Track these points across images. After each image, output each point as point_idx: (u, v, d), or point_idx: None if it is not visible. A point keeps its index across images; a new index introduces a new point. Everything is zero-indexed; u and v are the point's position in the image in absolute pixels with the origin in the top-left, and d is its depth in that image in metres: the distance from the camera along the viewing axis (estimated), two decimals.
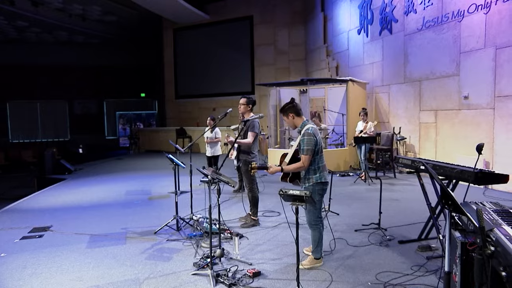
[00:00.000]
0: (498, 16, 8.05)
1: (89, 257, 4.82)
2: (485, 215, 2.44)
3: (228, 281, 3.92)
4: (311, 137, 4.13)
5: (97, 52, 24.39)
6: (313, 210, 4.27)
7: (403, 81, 11.16)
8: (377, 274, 4.14)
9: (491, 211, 2.55)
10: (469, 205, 2.68)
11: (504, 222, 2.30)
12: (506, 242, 1.93)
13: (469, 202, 2.91)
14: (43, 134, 24.54)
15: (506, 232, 2.09)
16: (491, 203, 2.80)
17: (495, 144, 8.25)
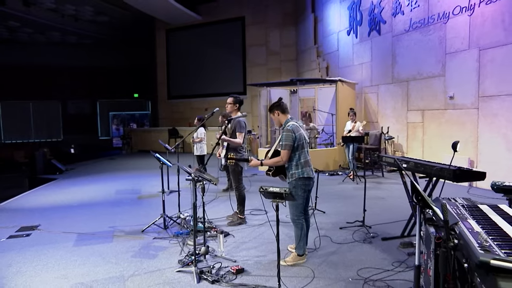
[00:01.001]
0: (481, 18, 8.14)
1: (75, 255, 4.83)
2: (454, 210, 2.49)
3: (211, 277, 3.96)
4: (289, 133, 4.22)
5: (90, 53, 24.30)
6: (295, 205, 4.32)
7: (391, 82, 11.25)
8: (358, 270, 4.19)
9: (460, 206, 2.61)
10: (440, 201, 2.73)
11: (470, 216, 2.35)
12: (468, 235, 1.98)
13: (442, 198, 2.96)
14: (36, 135, 24.38)
15: (469, 225, 2.14)
16: (463, 199, 2.86)
17: (479, 143, 8.35)
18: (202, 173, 4.27)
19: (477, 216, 2.39)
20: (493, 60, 7.90)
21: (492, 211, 2.52)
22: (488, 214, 2.40)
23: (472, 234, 1.99)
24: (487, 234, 2.05)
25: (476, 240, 1.90)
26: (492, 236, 2.01)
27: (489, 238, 1.97)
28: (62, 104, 24.71)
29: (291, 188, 4.32)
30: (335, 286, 3.85)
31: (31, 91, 23.30)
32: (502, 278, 1.60)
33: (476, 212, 2.47)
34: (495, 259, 1.63)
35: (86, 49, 24.43)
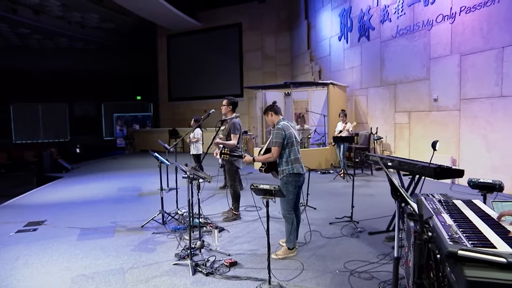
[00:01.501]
0: (462, 26, 8.20)
1: (78, 249, 4.85)
2: (430, 205, 2.52)
3: (206, 270, 3.98)
4: (279, 131, 4.27)
5: (95, 58, 24.31)
6: (286, 201, 4.34)
7: (380, 85, 11.28)
8: (345, 262, 4.22)
9: (437, 201, 2.63)
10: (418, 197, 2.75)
11: (445, 211, 2.38)
12: (440, 227, 2.01)
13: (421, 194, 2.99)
14: (45, 135, 24.37)
15: (443, 219, 2.17)
16: (440, 195, 2.89)
17: (461, 143, 8.39)
18: (197, 171, 4.29)
19: (451, 210, 2.42)
20: (473, 65, 7.95)
21: (465, 205, 2.55)
22: (461, 209, 2.43)
23: (444, 227, 2.02)
24: (458, 227, 2.08)
25: (447, 233, 1.93)
26: (462, 229, 2.04)
27: (459, 231, 2.00)
28: (69, 106, 24.70)
29: (282, 185, 4.34)
30: (322, 277, 3.88)
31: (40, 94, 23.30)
32: (468, 267, 1.62)
33: (450, 207, 2.49)
34: (462, 250, 1.66)
35: (92, 54, 24.43)
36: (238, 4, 18.83)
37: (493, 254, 1.63)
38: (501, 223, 2.30)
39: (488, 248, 1.76)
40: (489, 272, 1.58)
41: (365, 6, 11.75)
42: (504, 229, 2.17)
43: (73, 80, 23.87)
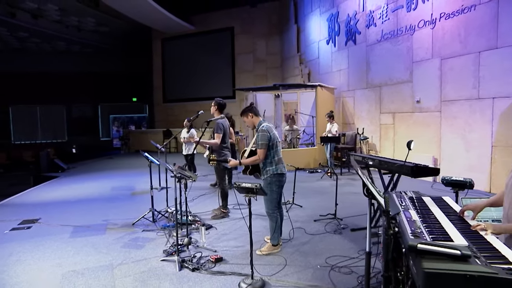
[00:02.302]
0: (442, 32, 8.30)
1: (70, 246, 4.86)
2: (400, 202, 2.56)
3: (192, 266, 4.01)
4: (265, 133, 4.28)
5: (92, 60, 24.22)
6: (270, 200, 4.38)
7: (366, 87, 11.36)
8: (327, 258, 4.26)
9: (408, 198, 2.68)
10: (389, 194, 2.80)
11: (413, 207, 2.43)
12: (405, 223, 2.05)
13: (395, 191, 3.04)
14: (43, 136, 24.25)
15: (409, 215, 2.22)
16: (413, 192, 2.93)
17: (442, 142, 8.48)
18: (184, 170, 4.31)
19: (419, 206, 2.47)
20: (452, 68, 8.04)
21: (433, 202, 2.60)
22: (428, 205, 2.48)
23: (409, 223, 2.07)
24: (422, 222, 2.12)
25: (410, 228, 1.98)
26: (426, 224, 2.09)
27: (423, 226, 2.04)
28: (66, 108, 24.59)
29: (266, 184, 4.37)
30: (304, 272, 3.92)
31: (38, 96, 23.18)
32: (426, 260, 1.67)
33: (419, 204, 2.54)
34: (421, 243, 1.70)
35: (89, 57, 24.33)
36: (230, 8, 18.85)
37: (449, 247, 1.68)
38: (464, 217, 2.36)
39: (445, 241, 1.80)
40: (445, 264, 1.63)
41: (351, 11, 11.83)
42: (466, 224, 2.23)
43: (71, 82, 23.76)
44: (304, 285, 3.64)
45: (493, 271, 1.57)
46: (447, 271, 1.59)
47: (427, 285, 1.61)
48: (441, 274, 1.59)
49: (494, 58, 7.11)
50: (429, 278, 1.60)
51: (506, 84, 6.86)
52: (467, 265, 1.62)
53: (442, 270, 1.60)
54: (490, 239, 1.98)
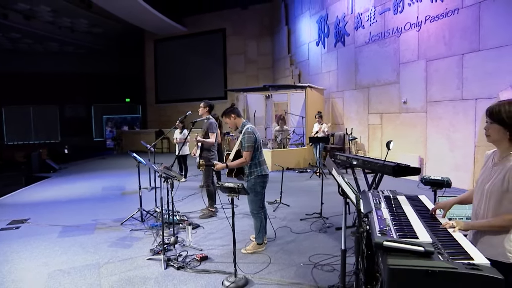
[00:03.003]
0: (427, 34, 8.39)
1: (58, 246, 4.86)
2: (374, 200, 2.61)
3: (177, 264, 4.03)
4: (251, 135, 4.29)
5: (85, 61, 24.09)
6: (255, 200, 4.41)
7: (355, 88, 11.44)
8: (310, 256, 4.30)
9: (382, 197, 2.73)
10: (365, 193, 2.85)
11: (385, 206, 2.48)
12: (375, 221, 2.10)
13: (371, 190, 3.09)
14: (36, 137, 24.08)
15: (381, 213, 2.27)
16: (389, 191, 2.98)
17: (427, 142, 8.58)
18: (170, 170, 4.33)
19: (391, 205, 2.52)
20: (437, 70, 8.14)
21: (407, 201, 2.65)
22: (401, 204, 2.53)
23: (379, 221, 2.11)
24: (392, 220, 2.17)
25: (379, 225, 2.02)
26: (395, 222, 2.14)
27: (392, 223, 2.09)
28: (59, 108, 24.44)
29: (250, 185, 4.40)
30: (287, 270, 3.96)
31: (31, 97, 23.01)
32: (391, 256, 1.72)
33: (392, 202, 2.59)
34: (387, 241, 1.75)
35: (82, 57, 24.20)
36: (222, 10, 18.88)
37: (414, 244, 1.73)
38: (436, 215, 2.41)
39: (411, 238, 1.85)
40: (408, 260, 1.67)
41: (340, 13, 11.91)
42: (436, 221, 2.28)
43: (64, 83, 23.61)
44: (287, 282, 3.68)
45: (452, 266, 1.62)
46: (410, 267, 1.64)
47: (391, 280, 1.66)
48: (404, 270, 1.64)
49: (477, 60, 7.21)
50: (393, 273, 1.65)
51: (488, 86, 6.97)
52: (430, 261, 1.67)
53: (405, 266, 1.65)
54: (457, 236, 2.03)
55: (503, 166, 2.06)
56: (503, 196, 2.02)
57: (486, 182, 2.16)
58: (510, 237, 2.01)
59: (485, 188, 2.15)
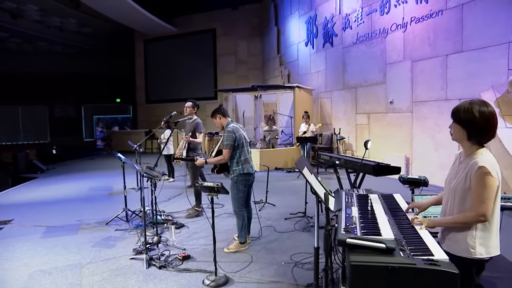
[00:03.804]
0: (413, 35, 8.50)
1: (41, 246, 4.85)
2: (346, 199, 2.66)
3: (159, 263, 4.06)
4: (230, 134, 4.36)
5: (75, 61, 23.92)
6: (237, 199, 4.46)
7: (343, 88, 11.53)
8: (292, 255, 4.35)
9: (355, 195, 2.78)
10: (338, 192, 2.90)
11: (356, 204, 2.53)
12: (343, 219, 2.15)
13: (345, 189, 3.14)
14: (25, 137, 23.87)
15: (350, 211, 2.31)
16: (365, 190, 3.04)
17: (413, 142, 8.68)
18: (152, 170, 4.36)
19: (362, 203, 2.57)
20: (423, 70, 8.25)
21: (379, 199, 2.70)
22: (373, 202, 2.58)
23: (347, 218, 2.16)
24: (360, 218, 2.22)
25: (345, 223, 2.07)
26: (362, 220, 2.19)
27: (359, 221, 2.14)
28: (49, 108, 24.25)
29: (233, 184, 4.46)
30: (268, 269, 4.00)
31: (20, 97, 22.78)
32: (354, 253, 1.77)
33: (363, 200, 2.65)
34: (350, 238, 1.79)
35: (71, 57, 24.03)
36: (212, 10, 18.88)
37: (376, 241, 1.78)
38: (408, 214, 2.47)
39: (375, 235, 1.90)
40: (370, 257, 1.72)
41: (328, 14, 11.99)
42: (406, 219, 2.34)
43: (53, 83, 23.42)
44: (266, 281, 3.72)
45: (412, 262, 1.67)
46: (371, 263, 1.69)
47: (353, 276, 1.70)
48: (365, 266, 1.69)
49: (460, 61, 7.33)
50: (355, 270, 1.70)
51: (471, 86, 7.08)
52: (391, 257, 1.72)
53: (366, 262, 1.69)
54: (422, 233, 2.08)
55: (466, 165, 2.13)
56: (467, 193, 2.09)
57: (452, 180, 2.22)
58: (472, 233, 2.08)
59: (451, 186, 2.21)
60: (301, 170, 2.53)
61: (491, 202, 2.00)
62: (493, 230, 2.08)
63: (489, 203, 1.99)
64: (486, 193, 1.99)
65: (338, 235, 1.87)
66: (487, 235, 2.07)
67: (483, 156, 2.08)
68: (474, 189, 2.03)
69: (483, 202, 1.99)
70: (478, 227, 2.07)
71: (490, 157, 2.08)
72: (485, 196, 1.99)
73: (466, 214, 2.07)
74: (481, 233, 2.06)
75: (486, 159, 2.06)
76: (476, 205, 2.02)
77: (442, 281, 1.65)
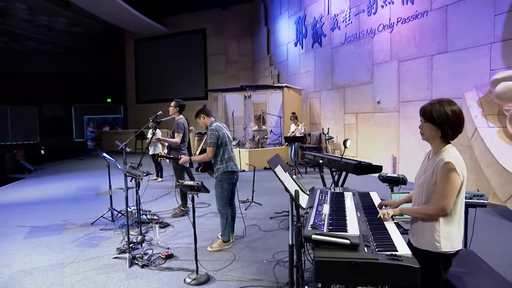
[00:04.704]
0: (399, 35, 8.59)
1: (23, 246, 4.84)
2: (320, 196, 2.72)
3: (142, 262, 4.08)
4: (213, 132, 4.40)
5: (64, 60, 23.76)
6: (221, 197, 4.50)
7: (331, 88, 11.61)
8: (275, 253, 4.39)
9: (330, 193, 2.84)
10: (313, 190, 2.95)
11: (329, 202, 2.58)
12: (312, 216, 2.20)
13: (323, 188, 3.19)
14: (13, 138, 23.66)
15: (321, 208, 2.36)
16: (342, 188, 3.09)
17: (400, 142, 8.78)
18: (134, 169, 4.38)
19: (335, 201, 2.63)
20: (409, 70, 8.35)
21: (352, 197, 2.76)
22: (345, 200, 2.64)
23: (316, 216, 2.21)
24: (330, 215, 2.27)
25: (314, 220, 2.12)
26: (332, 217, 2.24)
27: (328, 218, 2.19)
28: (38, 108, 24.06)
29: (217, 182, 4.50)
30: (250, 267, 4.04)
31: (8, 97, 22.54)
32: (320, 249, 1.82)
33: (337, 198, 2.70)
34: (316, 234, 1.84)
35: (61, 57, 23.85)
36: (202, 10, 18.88)
37: (341, 237, 1.83)
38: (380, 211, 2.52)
39: (341, 232, 1.95)
40: (334, 252, 1.77)
41: (317, 14, 12.07)
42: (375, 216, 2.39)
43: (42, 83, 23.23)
44: (248, 279, 3.76)
45: (375, 257, 1.73)
46: (335, 258, 1.74)
47: (317, 271, 1.75)
48: (329, 261, 1.74)
49: (445, 61, 7.43)
50: (319, 265, 1.75)
51: (455, 86, 7.18)
52: (355, 252, 1.77)
53: (330, 258, 1.74)
54: (390, 230, 2.14)
55: (434, 161, 2.19)
56: (433, 189, 2.15)
57: (421, 177, 2.29)
58: (437, 228, 2.14)
59: (419, 183, 2.28)
60: (273, 168, 2.55)
61: (453, 197, 2.07)
62: (455, 225, 2.15)
63: (451, 198, 2.06)
64: (449, 188, 2.06)
65: (304, 231, 1.92)
66: (450, 229, 2.13)
67: (449, 152, 2.15)
68: (438, 184, 2.10)
69: (445, 196, 2.06)
70: (442, 221, 2.13)
71: (456, 154, 2.15)
72: (447, 191, 2.05)
73: (429, 206, 2.15)
74: (445, 227, 2.13)
75: (452, 155, 2.12)
76: (439, 199, 2.09)
77: (403, 275, 1.70)
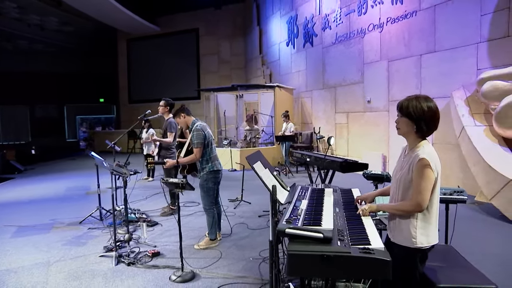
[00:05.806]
0: (389, 35, 8.66)
1: (9, 246, 4.82)
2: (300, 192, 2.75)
3: (128, 260, 4.09)
4: (199, 132, 4.39)
5: (57, 60, 23.60)
6: (207, 196, 4.51)
7: (322, 87, 11.65)
8: (261, 251, 4.41)
9: (310, 189, 2.87)
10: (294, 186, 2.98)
11: (308, 197, 2.61)
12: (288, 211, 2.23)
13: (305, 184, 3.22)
14: (4, 138, 23.47)
15: (299, 204, 2.40)
16: (324, 185, 3.12)
17: (390, 141, 8.84)
18: (121, 168, 4.38)
19: (314, 197, 2.65)
20: (398, 70, 8.41)
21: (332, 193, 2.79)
22: (325, 196, 2.67)
23: (292, 211, 2.24)
24: (307, 210, 2.30)
25: (289, 215, 2.15)
26: (308, 212, 2.27)
27: (305, 213, 2.22)
28: (30, 108, 23.90)
29: (203, 181, 4.50)
30: (236, 264, 4.06)
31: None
32: (293, 243, 1.84)
33: (317, 194, 2.73)
34: (289, 228, 1.87)
35: (53, 56, 23.69)
36: (195, 10, 18.86)
37: (315, 231, 1.85)
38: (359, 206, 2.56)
39: (315, 226, 1.98)
40: (307, 246, 1.80)
41: (309, 14, 12.11)
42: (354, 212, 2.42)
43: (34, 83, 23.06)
44: (233, 276, 3.78)
45: (347, 251, 1.75)
46: (307, 252, 1.76)
47: (290, 265, 1.78)
48: (301, 255, 1.76)
49: (433, 61, 7.50)
50: (291, 259, 1.77)
51: (443, 85, 7.25)
52: (327, 246, 1.80)
53: (302, 251, 1.77)
54: (366, 224, 2.17)
55: (409, 157, 2.23)
56: (409, 184, 2.18)
57: (398, 173, 2.32)
58: (413, 223, 2.17)
59: (396, 178, 2.31)
60: (251, 164, 2.57)
61: (428, 193, 2.10)
62: (432, 220, 2.18)
63: (426, 193, 2.09)
64: (424, 183, 2.09)
65: (279, 225, 1.95)
66: (426, 225, 2.17)
67: (424, 148, 2.19)
68: (414, 180, 2.13)
69: (420, 192, 2.09)
70: (419, 217, 2.16)
71: (430, 150, 2.19)
72: (422, 187, 2.09)
73: (406, 203, 2.18)
74: (421, 223, 2.16)
75: (427, 151, 2.16)
76: (414, 195, 2.12)
77: (375, 268, 1.73)
